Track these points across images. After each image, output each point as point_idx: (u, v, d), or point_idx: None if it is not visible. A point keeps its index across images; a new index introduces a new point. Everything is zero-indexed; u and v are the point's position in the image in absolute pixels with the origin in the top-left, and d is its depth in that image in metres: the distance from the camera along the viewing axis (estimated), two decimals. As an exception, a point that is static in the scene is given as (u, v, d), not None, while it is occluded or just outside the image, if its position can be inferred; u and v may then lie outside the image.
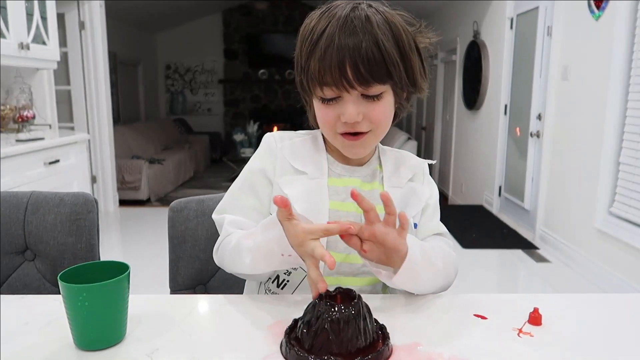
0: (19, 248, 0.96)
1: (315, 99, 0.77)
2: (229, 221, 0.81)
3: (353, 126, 0.75)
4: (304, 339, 0.58)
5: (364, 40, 0.70)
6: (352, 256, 0.79)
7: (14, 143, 2.58)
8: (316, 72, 0.72)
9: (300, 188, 0.80)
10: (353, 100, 0.74)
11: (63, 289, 0.56)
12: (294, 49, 0.80)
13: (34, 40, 2.92)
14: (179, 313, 0.69)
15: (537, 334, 0.64)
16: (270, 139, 0.86)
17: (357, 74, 0.71)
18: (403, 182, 0.86)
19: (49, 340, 0.61)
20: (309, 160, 0.83)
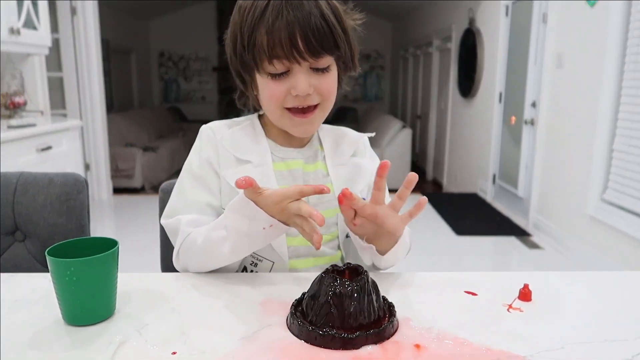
0: (9, 229, 0.95)
1: (261, 75, 0.76)
2: (186, 222, 0.78)
3: (304, 99, 0.75)
4: (308, 311, 0.58)
5: (311, 11, 0.71)
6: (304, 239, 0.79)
7: (6, 129, 2.56)
8: (265, 45, 0.71)
9: None
10: (303, 72, 0.74)
11: (51, 264, 0.56)
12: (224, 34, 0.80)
13: (24, 25, 2.88)
14: (169, 290, 0.69)
15: (527, 310, 0.64)
16: (208, 131, 0.85)
17: (309, 45, 0.71)
18: (345, 159, 0.87)
19: (39, 317, 0.60)
20: (251, 148, 0.83)
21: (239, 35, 0.75)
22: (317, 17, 0.71)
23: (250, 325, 0.59)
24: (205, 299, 0.67)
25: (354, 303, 0.56)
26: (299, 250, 0.82)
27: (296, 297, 0.62)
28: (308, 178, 0.84)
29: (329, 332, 0.55)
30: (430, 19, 6.17)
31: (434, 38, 5.93)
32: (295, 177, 0.83)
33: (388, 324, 0.57)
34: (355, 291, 0.57)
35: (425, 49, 6.34)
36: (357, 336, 0.55)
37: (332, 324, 0.56)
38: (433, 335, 0.57)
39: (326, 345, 0.55)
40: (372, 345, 0.55)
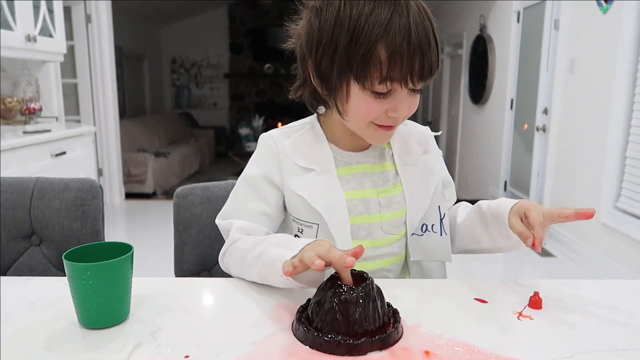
0: (25, 233, 0.97)
1: (361, 90, 0.70)
2: (237, 227, 0.79)
3: (396, 120, 0.74)
4: (313, 317, 0.59)
5: (431, 35, 0.68)
6: (374, 241, 0.81)
7: (21, 135, 2.60)
8: (384, 64, 0.67)
9: (312, 187, 0.79)
10: (405, 95, 0.71)
11: (68, 268, 0.57)
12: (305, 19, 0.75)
13: (40, 33, 2.94)
14: (182, 295, 0.70)
15: (537, 318, 0.64)
16: (269, 141, 0.83)
17: (424, 70, 0.68)
18: (415, 158, 0.85)
19: (54, 319, 0.62)
20: (313, 155, 0.81)
21: (348, 39, 0.67)
22: (432, 43, 0.68)
23: (262, 330, 0.60)
24: (218, 304, 0.68)
25: (359, 309, 0.57)
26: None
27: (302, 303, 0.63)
28: (377, 179, 0.83)
29: (334, 338, 0.55)
30: (441, 26, 6.09)
31: (445, 44, 5.92)
32: (361, 181, 0.82)
33: (393, 330, 0.57)
34: (360, 297, 0.57)
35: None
36: (363, 342, 0.55)
37: (337, 330, 0.56)
38: (443, 342, 0.57)
39: (332, 351, 0.55)
40: (381, 351, 0.55)
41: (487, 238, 0.83)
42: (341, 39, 0.68)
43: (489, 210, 0.81)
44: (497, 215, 0.78)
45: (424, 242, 0.84)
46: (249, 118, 7.88)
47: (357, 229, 0.80)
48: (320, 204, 0.77)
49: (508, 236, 0.77)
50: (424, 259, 0.84)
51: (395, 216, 0.83)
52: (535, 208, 0.72)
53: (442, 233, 0.85)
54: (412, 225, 0.83)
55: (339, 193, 0.79)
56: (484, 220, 0.83)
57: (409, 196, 0.83)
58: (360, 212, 0.80)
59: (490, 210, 0.81)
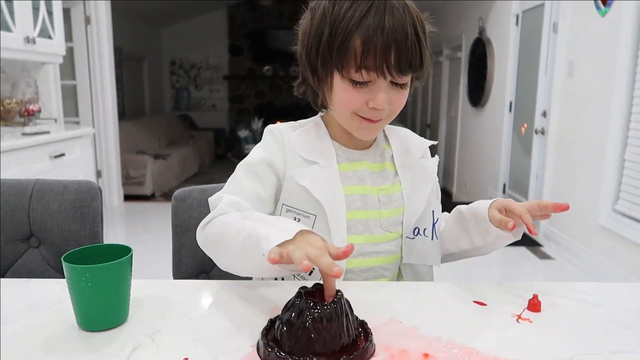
0: (24, 235, 0.97)
1: (341, 80, 0.75)
2: (227, 201, 0.76)
3: (378, 112, 0.76)
4: (283, 339, 0.54)
5: (409, 28, 0.70)
6: (372, 237, 0.83)
7: (20, 136, 2.60)
8: (358, 53, 0.70)
9: (315, 179, 0.81)
10: (384, 87, 0.74)
11: (67, 270, 0.57)
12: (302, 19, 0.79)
13: (40, 35, 2.94)
14: (180, 297, 0.70)
15: (536, 320, 0.64)
16: (275, 131, 0.85)
17: (401, 62, 0.71)
18: (414, 161, 0.88)
19: (53, 321, 0.62)
20: (317, 149, 0.83)
21: (329, 33, 0.73)
22: (412, 35, 0.71)
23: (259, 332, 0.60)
24: (217, 306, 0.68)
25: (334, 326, 0.53)
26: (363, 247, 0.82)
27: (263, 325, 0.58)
28: (377, 177, 0.86)
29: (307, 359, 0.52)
30: (440, 28, 6.18)
31: (444, 47, 5.94)
32: (361, 178, 0.84)
33: (368, 344, 0.55)
34: (335, 313, 0.54)
35: (435, 57, 6.35)
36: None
37: (313, 350, 0.52)
38: (441, 344, 0.57)
39: None
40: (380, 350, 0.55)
41: (465, 238, 0.87)
42: (324, 32, 0.73)
43: (467, 210, 0.86)
44: (476, 213, 0.82)
45: (416, 246, 0.86)
46: (248, 120, 7.89)
47: (355, 224, 0.82)
48: (322, 196, 0.79)
49: (487, 231, 0.80)
50: (416, 262, 0.86)
51: (393, 214, 0.85)
52: (515, 202, 0.77)
53: (434, 237, 0.87)
54: (409, 224, 0.85)
55: (339, 187, 0.81)
56: (463, 221, 0.87)
57: (407, 196, 0.85)
58: (358, 207, 0.83)
59: (469, 210, 0.85)
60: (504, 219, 0.74)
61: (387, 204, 0.84)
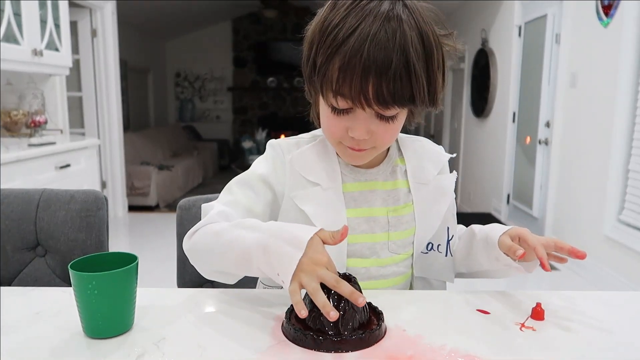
0: (31, 244, 0.98)
1: (323, 102, 0.71)
2: (218, 211, 0.73)
3: (358, 143, 0.71)
4: (306, 319, 0.60)
5: (394, 57, 0.63)
6: (379, 260, 0.80)
7: (26, 147, 2.62)
8: (334, 79, 0.65)
9: (316, 203, 0.77)
10: (365, 118, 0.68)
11: (73, 277, 0.58)
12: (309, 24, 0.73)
13: (47, 47, 2.98)
14: (185, 305, 0.71)
15: (540, 329, 0.64)
16: (277, 149, 0.81)
17: (379, 95, 0.64)
18: (429, 178, 0.83)
19: (59, 329, 0.62)
20: (320, 169, 0.79)
21: (315, 50, 0.68)
22: (398, 64, 0.63)
23: (265, 340, 0.60)
24: (222, 314, 0.68)
25: (345, 309, 0.59)
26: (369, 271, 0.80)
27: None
28: (388, 197, 0.81)
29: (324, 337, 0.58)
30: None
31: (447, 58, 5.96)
32: (368, 200, 0.79)
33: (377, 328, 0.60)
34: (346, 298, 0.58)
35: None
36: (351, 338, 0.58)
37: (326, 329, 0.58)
38: (445, 353, 0.57)
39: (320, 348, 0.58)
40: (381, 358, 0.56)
41: (474, 261, 0.83)
42: (313, 47, 0.69)
43: (480, 232, 0.81)
44: (487, 237, 0.78)
45: (428, 261, 0.83)
46: (252, 131, 7.92)
47: (361, 247, 0.79)
48: (321, 222, 0.74)
49: (497, 258, 0.76)
50: (429, 276, 0.84)
51: (403, 236, 0.81)
52: (531, 233, 0.73)
53: (448, 254, 0.83)
54: (420, 245, 0.82)
55: (341, 212, 0.77)
56: (475, 242, 0.82)
57: (420, 216, 0.81)
58: (363, 231, 0.79)
59: (482, 232, 0.81)
60: (514, 246, 0.71)
61: (397, 226, 0.80)
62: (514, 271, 0.77)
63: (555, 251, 0.72)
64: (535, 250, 0.69)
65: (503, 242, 0.74)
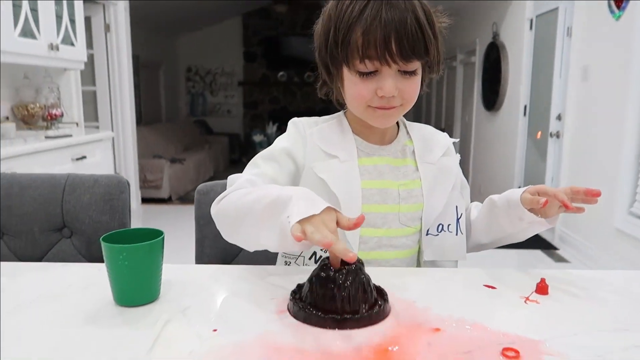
0: (57, 226, 1.03)
1: (349, 73, 0.79)
2: (245, 179, 0.79)
3: (389, 100, 0.78)
4: (307, 298, 0.62)
5: (408, 17, 0.73)
6: (390, 230, 0.85)
7: (43, 139, 2.68)
8: (359, 45, 0.74)
9: (334, 173, 0.84)
10: (392, 75, 0.76)
11: (105, 249, 0.62)
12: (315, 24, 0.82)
13: (62, 42, 3.04)
14: (206, 280, 0.75)
15: (543, 302, 0.67)
16: (299, 124, 0.89)
17: (402, 49, 0.73)
18: (435, 159, 0.89)
19: (91, 299, 0.67)
20: (338, 144, 0.86)
21: (333, 30, 0.77)
22: (412, 21, 0.73)
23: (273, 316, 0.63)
24: (241, 286, 0.72)
25: (350, 290, 0.60)
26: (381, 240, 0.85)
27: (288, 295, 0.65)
28: (398, 172, 0.87)
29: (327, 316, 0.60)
30: (455, 34, 6.20)
31: (458, 52, 5.95)
32: (381, 173, 0.86)
33: (380, 308, 0.62)
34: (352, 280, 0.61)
35: (449, 62, 6.37)
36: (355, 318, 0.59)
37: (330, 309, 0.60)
38: (452, 321, 0.60)
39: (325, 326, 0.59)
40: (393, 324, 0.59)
41: (497, 227, 0.88)
42: (330, 29, 0.78)
43: (500, 198, 0.86)
44: (509, 199, 0.83)
45: (438, 242, 0.87)
46: (262, 125, 7.97)
47: (374, 217, 0.84)
48: (338, 190, 0.82)
49: (520, 217, 0.81)
50: (438, 258, 0.87)
51: (412, 209, 0.86)
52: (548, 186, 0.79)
53: (458, 232, 0.88)
54: (428, 221, 0.86)
55: (356, 181, 0.83)
56: (495, 209, 0.87)
57: (427, 192, 0.87)
58: (376, 202, 0.85)
59: (502, 197, 0.86)
60: (536, 197, 0.76)
61: (407, 199, 0.86)
62: (537, 227, 0.82)
63: (573, 195, 0.76)
64: (556, 196, 0.75)
65: (525, 199, 0.79)
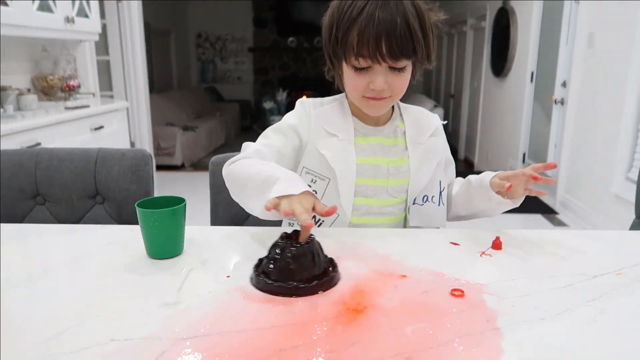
0: (91, 193, 1.18)
1: (347, 67, 0.90)
2: (255, 149, 0.93)
3: (380, 92, 0.90)
4: (270, 271, 0.70)
5: (398, 21, 0.83)
6: (379, 200, 0.99)
7: (63, 110, 2.82)
8: (354, 44, 0.85)
9: (333, 149, 0.96)
10: (382, 71, 0.88)
11: (140, 213, 0.77)
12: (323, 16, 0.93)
13: (78, 14, 3.14)
14: (220, 238, 0.90)
15: (496, 256, 0.82)
16: (306, 105, 1.01)
17: (391, 50, 0.84)
18: (424, 139, 1.02)
19: (128, 253, 0.82)
20: (338, 124, 0.98)
21: (335, 28, 0.89)
22: (402, 25, 0.84)
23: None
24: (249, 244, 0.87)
25: (307, 260, 0.69)
26: (371, 208, 0.99)
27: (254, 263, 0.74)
28: (389, 151, 1.00)
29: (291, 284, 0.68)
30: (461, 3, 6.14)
31: (469, 17, 5.91)
32: (374, 151, 0.99)
33: (334, 274, 0.71)
34: (308, 250, 0.70)
35: (460, 27, 6.33)
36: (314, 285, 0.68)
37: (292, 278, 0.68)
38: (418, 270, 0.75)
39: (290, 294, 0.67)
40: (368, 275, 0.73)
41: (472, 203, 1.02)
42: (333, 27, 0.90)
43: (475, 180, 1.01)
44: (481, 182, 0.98)
45: (423, 211, 1.01)
46: (272, 92, 8.03)
47: (366, 189, 0.98)
48: (336, 164, 0.95)
49: (489, 198, 0.95)
50: (422, 225, 1.02)
51: (399, 183, 1.00)
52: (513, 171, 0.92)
53: (440, 203, 1.02)
54: (413, 193, 1.01)
55: (352, 158, 0.97)
56: (471, 189, 1.01)
57: (414, 169, 1.00)
58: (369, 175, 0.99)
59: (476, 179, 1.00)
60: (501, 182, 0.90)
61: (395, 174, 0.99)
62: (504, 206, 0.96)
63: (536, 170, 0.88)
64: (524, 172, 0.88)
65: (494, 183, 0.94)
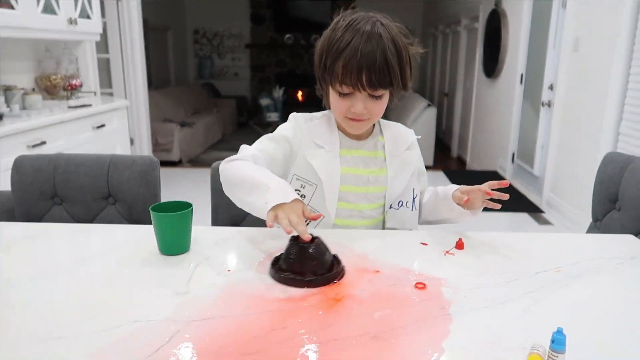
0: (104, 195, 1.31)
1: (332, 90, 1.04)
2: (251, 154, 1.04)
3: (359, 115, 1.04)
4: (284, 267, 0.84)
5: (377, 55, 0.96)
6: (359, 205, 1.12)
7: (66, 109, 2.90)
8: (340, 73, 0.98)
9: (320, 159, 1.09)
10: (362, 97, 1.01)
11: (154, 216, 0.90)
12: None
13: (80, 15, 3.23)
14: (222, 237, 1.03)
15: (458, 255, 0.95)
16: (298, 119, 1.14)
17: (370, 81, 0.97)
18: (400, 152, 1.16)
19: (142, 250, 0.95)
20: (325, 137, 1.11)
21: (324, 57, 1.01)
22: (381, 60, 0.96)
23: (275, 260, 0.91)
24: (247, 244, 1.00)
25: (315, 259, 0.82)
26: (352, 212, 1.12)
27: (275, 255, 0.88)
28: (369, 162, 1.13)
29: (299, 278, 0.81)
30: (458, 0, 6.24)
31: (462, 17, 6.01)
32: (356, 162, 1.12)
33: (337, 269, 0.84)
34: (315, 250, 0.83)
35: (454, 27, 6.43)
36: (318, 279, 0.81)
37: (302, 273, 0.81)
38: (390, 266, 0.88)
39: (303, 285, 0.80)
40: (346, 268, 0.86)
41: (437, 212, 1.17)
42: (322, 55, 1.03)
43: (441, 191, 1.16)
44: (446, 194, 1.13)
45: (399, 215, 1.15)
46: (269, 88, 8.10)
47: (348, 195, 1.12)
48: (323, 173, 1.09)
49: (452, 209, 1.10)
50: (398, 227, 1.15)
51: (377, 190, 1.14)
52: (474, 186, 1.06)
53: (413, 208, 1.16)
54: (390, 199, 1.14)
55: (336, 168, 1.10)
56: (438, 199, 1.16)
57: (391, 178, 1.14)
58: (350, 183, 1.12)
59: (442, 191, 1.16)
60: (461, 196, 1.05)
61: (374, 183, 1.12)
62: (464, 216, 1.11)
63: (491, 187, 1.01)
64: (480, 189, 1.02)
65: (455, 196, 1.09)
